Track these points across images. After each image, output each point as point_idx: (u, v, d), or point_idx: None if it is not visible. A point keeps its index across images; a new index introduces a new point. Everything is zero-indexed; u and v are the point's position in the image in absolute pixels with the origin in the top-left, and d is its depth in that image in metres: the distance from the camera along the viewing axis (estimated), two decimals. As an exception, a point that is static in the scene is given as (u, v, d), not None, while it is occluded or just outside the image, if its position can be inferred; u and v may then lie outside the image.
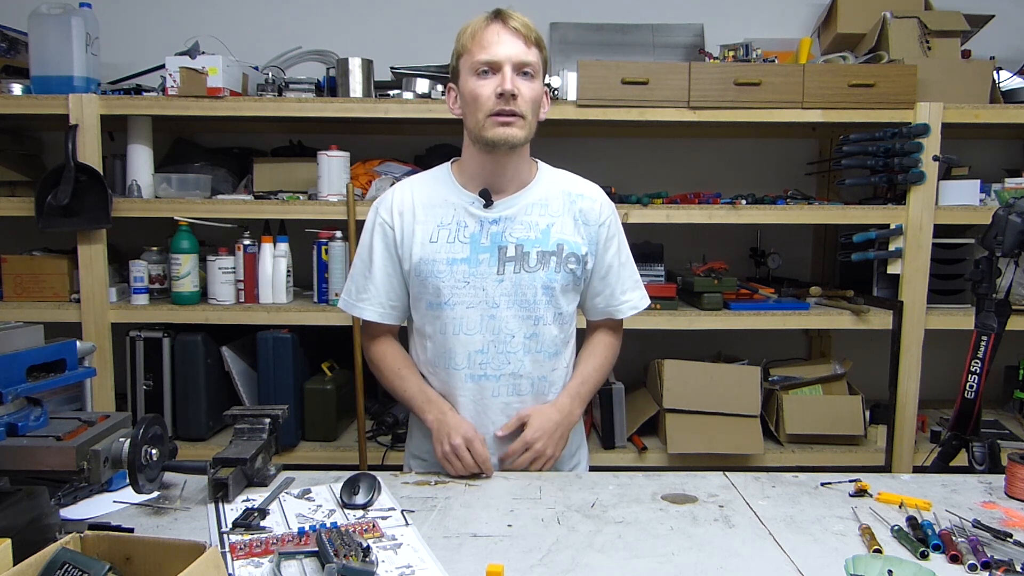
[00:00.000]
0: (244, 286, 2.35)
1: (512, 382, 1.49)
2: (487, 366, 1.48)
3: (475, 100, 1.40)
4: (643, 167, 2.82)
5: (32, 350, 1.08)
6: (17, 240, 2.46)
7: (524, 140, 1.43)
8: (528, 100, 1.41)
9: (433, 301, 1.48)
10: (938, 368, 2.45)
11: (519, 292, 1.47)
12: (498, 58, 1.38)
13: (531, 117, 1.43)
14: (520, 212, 1.49)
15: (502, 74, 1.38)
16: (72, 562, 0.85)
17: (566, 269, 1.49)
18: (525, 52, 1.40)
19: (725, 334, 2.52)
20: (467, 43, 1.42)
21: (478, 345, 1.47)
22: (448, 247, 1.47)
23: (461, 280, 1.46)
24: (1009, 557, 1.08)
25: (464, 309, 1.47)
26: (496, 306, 1.47)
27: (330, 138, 2.42)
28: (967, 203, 2.33)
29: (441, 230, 1.48)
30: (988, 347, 1.58)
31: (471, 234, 1.47)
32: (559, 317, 1.51)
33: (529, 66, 1.40)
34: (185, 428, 2.33)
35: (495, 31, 1.39)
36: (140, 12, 2.74)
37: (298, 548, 1.08)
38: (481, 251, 1.46)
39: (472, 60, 1.40)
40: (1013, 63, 2.55)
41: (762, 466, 2.32)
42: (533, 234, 1.48)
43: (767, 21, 2.79)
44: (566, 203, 1.52)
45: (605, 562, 1.09)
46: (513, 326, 1.47)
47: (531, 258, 1.47)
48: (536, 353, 1.49)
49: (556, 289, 1.48)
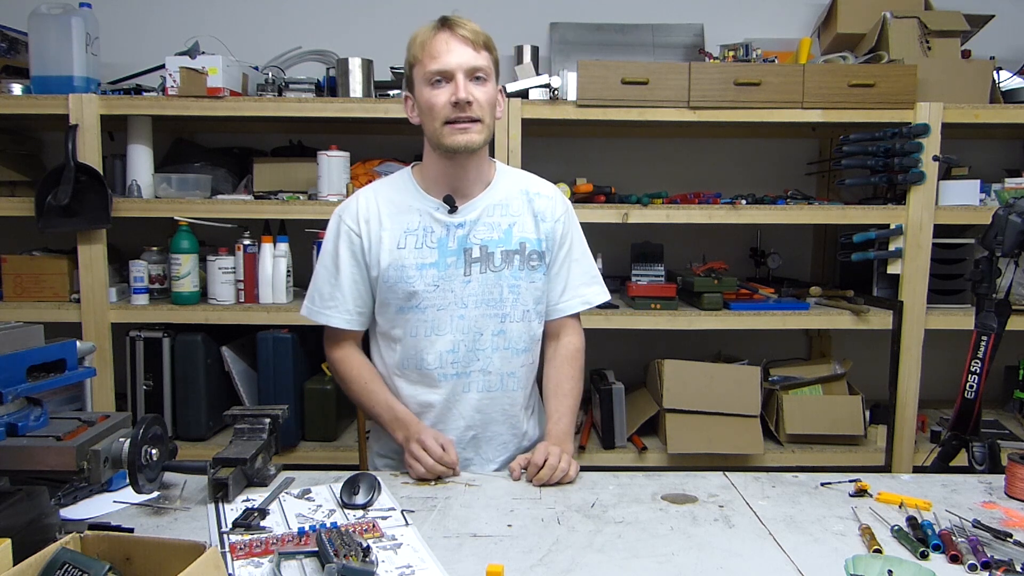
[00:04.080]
0: (244, 286, 2.35)
1: (482, 378, 1.53)
2: (457, 364, 1.52)
3: (431, 109, 1.44)
4: (643, 167, 2.82)
5: (32, 350, 1.07)
6: (17, 240, 2.46)
7: (482, 144, 1.47)
8: (483, 104, 1.44)
9: (404, 305, 1.51)
10: (938, 368, 2.44)
11: (486, 291, 1.51)
12: (449, 67, 1.41)
13: (488, 120, 1.46)
14: (483, 214, 1.53)
15: (455, 82, 1.41)
16: (72, 562, 0.85)
17: (529, 266, 1.54)
18: (475, 57, 1.42)
19: (725, 334, 2.52)
20: (418, 53, 1.45)
21: (448, 345, 1.51)
22: (416, 252, 1.50)
23: (431, 284, 1.50)
24: (1009, 557, 1.08)
25: (435, 311, 1.50)
26: (465, 306, 1.51)
27: (330, 138, 2.42)
28: (967, 203, 2.33)
29: (408, 236, 1.51)
30: (988, 347, 1.58)
31: (438, 239, 1.51)
32: (526, 314, 1.54)
33: (480, 70, 1.43)
34: (185, 428, 2.33)
35: (444, 40, 1.42)
36: (140, 12, 2.74)
37: (298, 548, 1.08)
38: (448, 254, 1.50)
39: (424, 70, 1.43)
40: (1013, 63, 2.55)
41: (762, 466, 2.32)
42: (496, 234, 1.52)
43: (767, 21, 2.79)
44: (525, 202, 1.56)
45: (605, 562, 1.09)
46: (481, 324, 1.52)
47: (496, 258, 1.51)
48: (504, 350, 1.53)
49: (521, 287, 1.53)
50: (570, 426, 1.55)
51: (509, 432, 1.58)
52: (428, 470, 1.39)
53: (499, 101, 1.52)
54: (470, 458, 1.57)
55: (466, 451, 1.57)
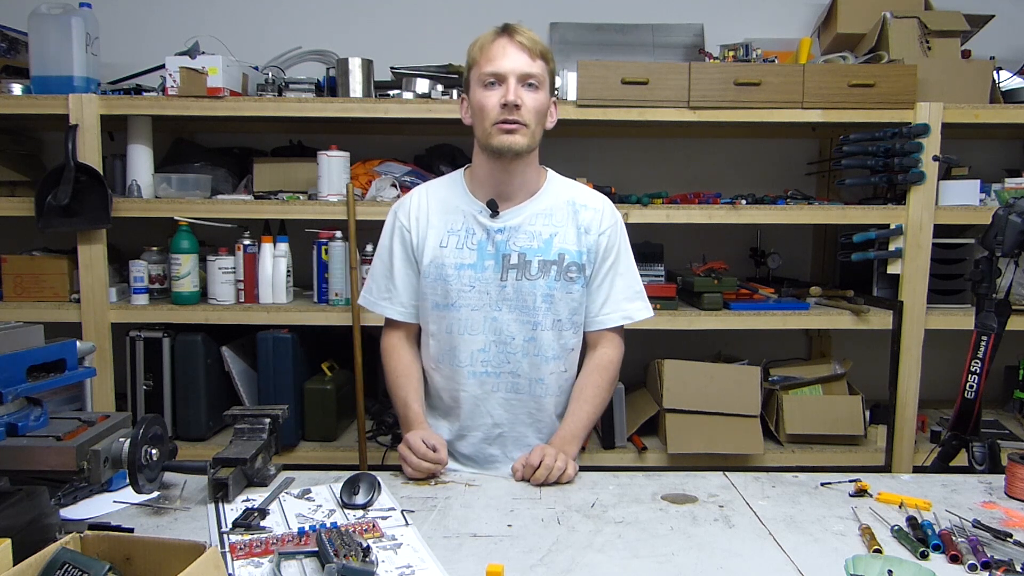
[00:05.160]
0: (244, 286, 2.35)
1: (511, 380, 1.56)
2: (488, 364, 1.55)
3: (481, 110, 1.48)
4: (643, 167, 2.82)
5: (32, 350, 1.08)
6: (17, 240, 2.46)
7: (527, 148, 1.49)
8: (532, 110, 1.47)
9: (440, 302, 1.55)
10: (938, 368, 2.44)
11: (520, 298, 1.53)
12: (503, 70, 1.45)
13: (535, 126, 1.49)
14: (525, 222, 1.55)
15: (506, 85, 1.45)
16: (72, 562, 0.85)
17: (566, 278, 1.54)
18: (529, 64, 1.46)
19: (725, 334, 2.52)
20: (476, 56, 1.49)
21: (480, 344, 1.55)
22: (456, 252, 1.54)
23: (467, 284, 1.53)
24: (1009, 557, 1.08)
25: (469, 311, 1.54)
26: (498, 309, 1.54)
27: (330, 138, 2.42)
28: (967, 203, 2.33)
29: (451, 236, 1.55)
30: (988, 347, 1.58)
31: (478, 241, 1.54)
32: (558, 324, 1.55)
33: (533, 77, 1.47)
34: (185, 428, 2.33)
35: (501, 45, 1.47)
36: (140, 12, 2.74)
37: (298, 548, 1.08)
38: (487, 258, 1.53)
39: (480, 72, 1.48)
40: (1013, 63, 2.55)
41: (762, 466, 2.32)
42: (536, 243, 1.54)
43: (767, 21, 2.79)
44: (570, 213, 1.57)
45: (605, 562, 1.09)
46: (513, 329, 1.54)
47: (533, 267, 1.53)
48: (534, 356, 1.55)
49: (555, 297, 1.54)
50: (580, 430, 1.56)
51: (536, 435, 1.60)
52: (414, 468, 1.41)
53: (551, 112, 1.56)
54: (495, 455, 1.60)
55: (492, 447, 1.60)
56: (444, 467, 1.44)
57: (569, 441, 1.53)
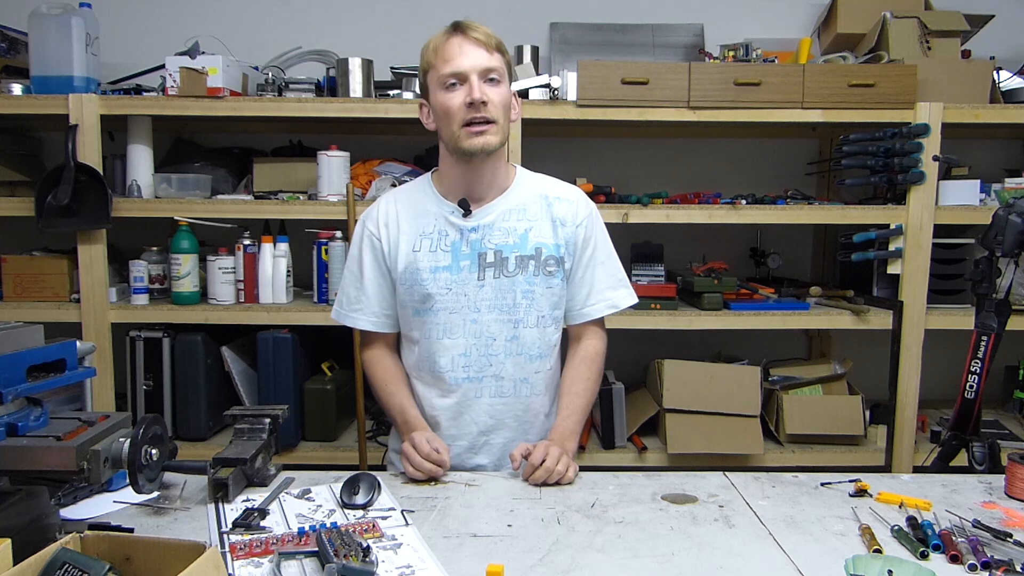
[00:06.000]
0: (244, 286, 2.35)
1: (494, 383, 1.53)
2: (470, 368, 1.52)
3: (447, 113, 1.45)
4: (643, 167, 2.82)
5: (32, 350, 1.08)
6: (17, 240, 2.46)
7: (499, 145, 1.47)
8: (498, 105, 1.45)
9: (418, 308, 1.53)
10: (938, 368, 2.44)
11: (499, 296, 1.51)
12: (463, 68, 1.43)
13: (503, 121, 1.47)
14: (498, 219, 1.52)
15: (469, 84, 1.43)
16: (72, 562, 0.85)
17: (545, 272, 1.52)
18: (488, 59, 1.44)
19: (725, 334, 2.52)
20: (431, 59, 1.46)
21: (461, 348, 1.52)
22: (431, 256, 1.51)
23: (444, 287, 1.50)
24: (1009, 557, 1.08)
25: (447, 315, 1.51)
26: (478, 310, 1.51)
27: (330, 138, 2.42)
28: (967, 203, 2.33)
29: (423, 239, 1.53)
30: (988, 347, 1.58)
31: (452, 243, 1.52)
32: (541, 320, 1.54)
33: (494, 71, 1.45)
34: (185, 428, 2.33)
35: (457, 43, 1.44)
36: (140, 12, 2.74)
37: (298, 548, 1.08)
38: (462, 258, 1.51)
39: (439, 74, 1.45)
40: (1013, 63, 2.55)
41: (762, 466, 2.32)
42: (511, 239, 1.52)
43: (767, 21, 2.79)
44: (543, 206, 1.55)
45: (605, 562, 1.09)
46: (494, 329, 1.52)
47: (510, 263, 1.51)
48: (517, 355, 1.53)
49: (536, 292, 1.52)
50: (576, 424, 1.55)
51: (523, 439, 1.55)
52: (415, 467, 1.39)
53: (514, 104, 1.54)
54: (483, 464, 1.56)
55: (478, 456, 1.56)
56: (446, 471, 1.42)
57: (568, 437, 1.51)
